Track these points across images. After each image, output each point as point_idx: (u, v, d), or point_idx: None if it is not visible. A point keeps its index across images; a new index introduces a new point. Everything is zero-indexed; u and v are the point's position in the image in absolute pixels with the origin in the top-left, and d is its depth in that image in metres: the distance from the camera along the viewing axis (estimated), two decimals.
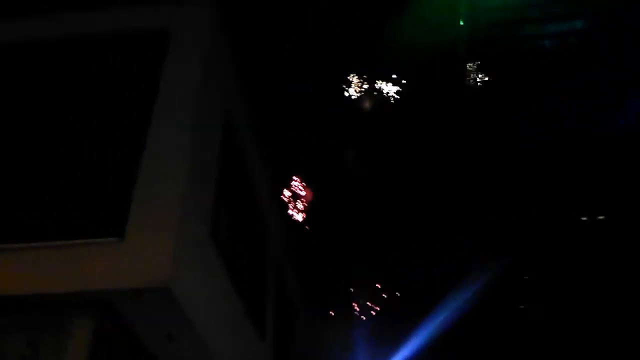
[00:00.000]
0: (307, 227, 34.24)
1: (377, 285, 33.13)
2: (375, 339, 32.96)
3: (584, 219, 34.67)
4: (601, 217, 33.73)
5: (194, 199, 5.93)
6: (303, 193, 37.91)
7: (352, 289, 33.30)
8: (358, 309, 33.33)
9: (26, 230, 5.59)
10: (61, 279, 5.20)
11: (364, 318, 33.45)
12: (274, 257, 10.00)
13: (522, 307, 31.48)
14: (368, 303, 32.96)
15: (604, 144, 35.16)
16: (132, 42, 6.87)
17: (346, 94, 41.76)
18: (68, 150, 6.07)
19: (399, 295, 33.35)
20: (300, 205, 37.17)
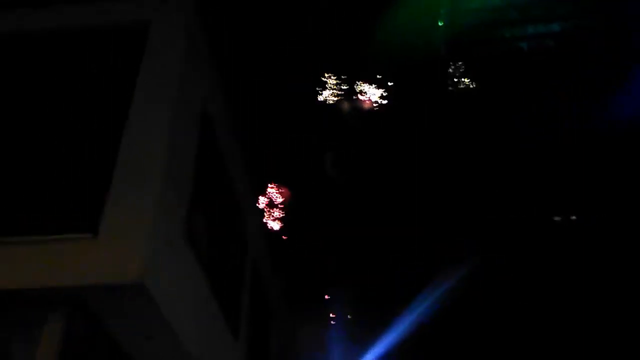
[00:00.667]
0: (284, 237, 34.30)
1: (353, 286, 33.32)
2: (350, 339, 33.16)
3: (574, 218, 35.11)
4: (573, 218, 34.24)
5: (170, 196, 5.90)
6: (280, 200, 37.99)
7: (328, 291, 33.47)
8: (334, 311, 33.50)
9: None
10: (34, 275, 5.14)
11: (340, 319, 33.66)
12: (252, 258, 9.98)
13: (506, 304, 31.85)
14: (344, 304, 33.14)
15: (586, 143, 35.65)
16: (111, 36, 6.83)
17: (325, 94, 42.03)
18: (43, 145, 6.01)
19: (374, 296, 33.58)
20: (277, 213, 37.23)
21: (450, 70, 42.31)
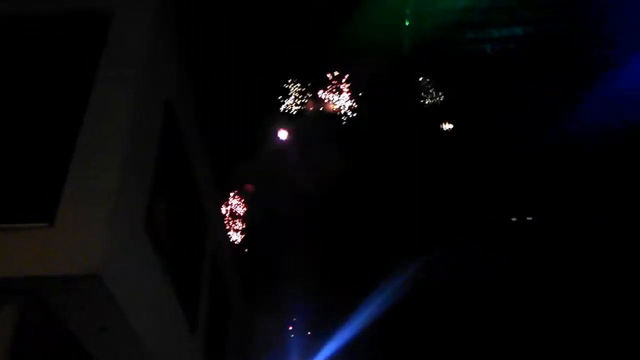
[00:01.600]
0: (246, 249, 34.27)
1: (312, 281, 33.59)
2: (309, 334, 33.37)
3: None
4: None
5: (129, 185, 5.80)
6: (242, 210, 38.09)
7: (289, 285, 33.61)
8: (293, 305, 33.67)
9: None
10: None
11: (298, 314, 33.86)
12: (212, 251, 9.91)
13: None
14: (303, 298, 33.36)
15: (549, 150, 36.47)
16: (73, 23, 6.67)
17: (287, 102, 41.98)
18: None
19: (331, 292, 33.93)
20: (238, 224, 37.26)
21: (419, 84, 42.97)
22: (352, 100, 42.16)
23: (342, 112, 42.04)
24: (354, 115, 42.12)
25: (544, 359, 31.42)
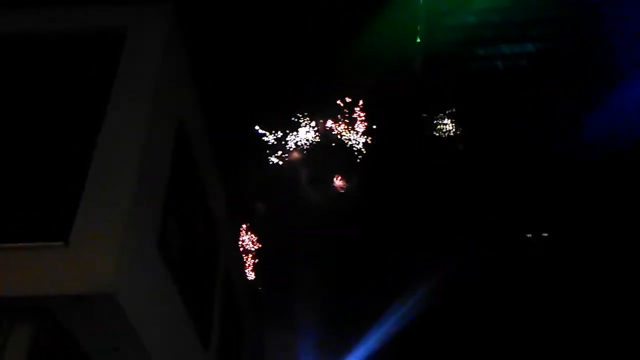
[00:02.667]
0: (259, 288, 34.33)
1: (324, 294, 33.58)
2: (321, 349, 33.23)
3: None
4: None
5: (142, 205, 5.85)
6: (254, 248, 38.34)
7: (301, 301, 33.56)
8: (306, 321, 33.56)
9: None
10: (1, 283, 5.05)
11: (312, 329, 33.72)
12: (224, 268, 9.93)
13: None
14: (315, 314, 33.28)
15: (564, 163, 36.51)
16: (87, 41, 6.77)
17: (300, 134, 42.06)
18: (15, 151, 5.92)
19: (346, 304, 33.88)
20: (250, 261, 37.31)
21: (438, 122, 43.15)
22: (363, 135, 42.40)
23: (355, 147, 42.38)
24: (365, 148, 42.29)
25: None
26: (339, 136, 42.26)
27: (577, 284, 33.42)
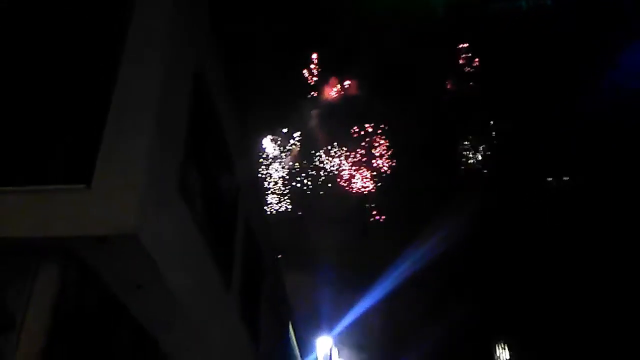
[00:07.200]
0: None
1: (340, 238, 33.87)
2: (342, 287, 33.55)
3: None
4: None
5: (163, 148, 5.92)
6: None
7: (321, 244, 33.87)
8: (327, 264, 33.92)
9: None
10: (26, 224, 5.18)
11: (332, 269, 34.07)
12: (245, 211, 10.05)
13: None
14: (335, 256, 33.59)
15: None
16: None
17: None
18: (35, 95, 5.98)
19: (365, 245, 34.18)
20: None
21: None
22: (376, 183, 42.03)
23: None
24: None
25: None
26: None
27: (597, 228, 33.23)
